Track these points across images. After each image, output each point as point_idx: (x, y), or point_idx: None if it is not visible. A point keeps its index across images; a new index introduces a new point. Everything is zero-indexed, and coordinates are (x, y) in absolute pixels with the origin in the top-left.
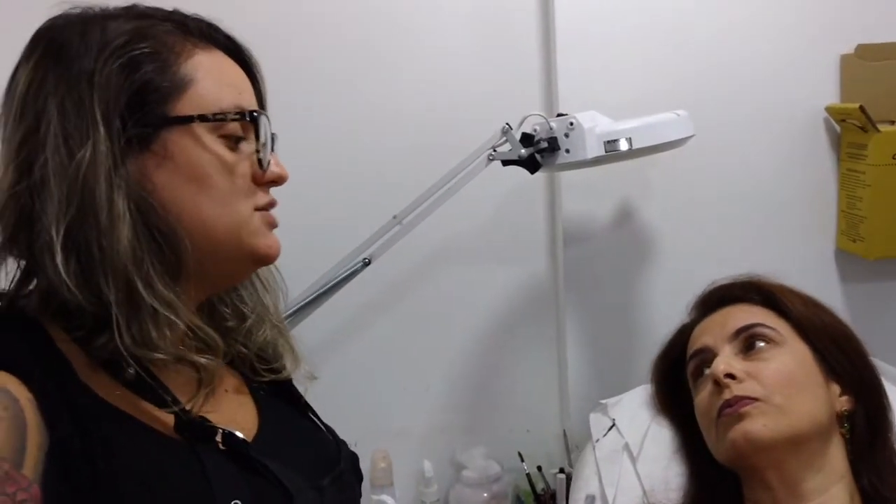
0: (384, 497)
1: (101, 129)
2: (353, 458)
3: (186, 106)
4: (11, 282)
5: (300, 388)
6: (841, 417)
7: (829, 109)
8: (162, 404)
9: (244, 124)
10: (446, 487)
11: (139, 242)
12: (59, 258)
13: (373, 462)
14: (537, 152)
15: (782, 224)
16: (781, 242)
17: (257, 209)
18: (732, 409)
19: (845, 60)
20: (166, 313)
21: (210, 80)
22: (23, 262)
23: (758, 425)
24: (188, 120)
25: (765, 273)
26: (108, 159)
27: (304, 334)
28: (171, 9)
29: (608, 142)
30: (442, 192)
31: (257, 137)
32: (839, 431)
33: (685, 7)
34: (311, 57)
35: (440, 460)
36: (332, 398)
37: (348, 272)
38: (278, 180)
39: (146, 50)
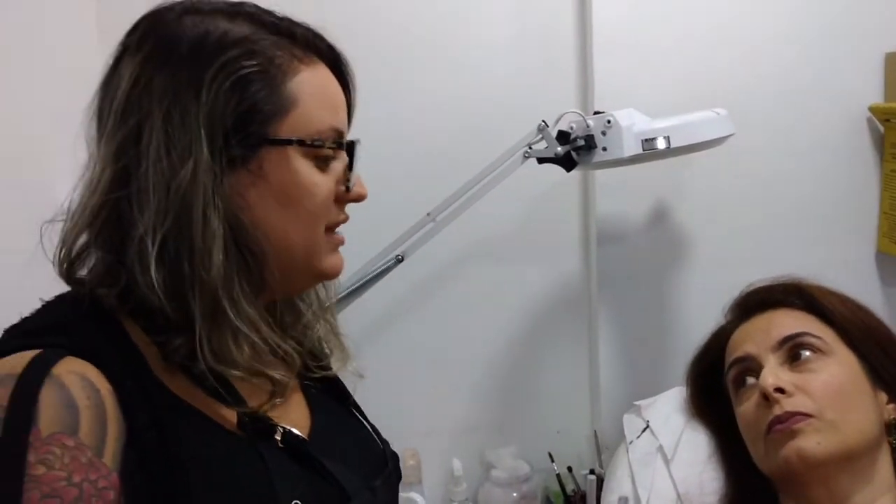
0: (413, 495)
1: (205, 147)
2: (395, 457)
3: (287, 128)
4: (91, 274)
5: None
6: (889, 426)
7: (872, 109)
8: (230, 405)
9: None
10: (475, 486)
11: (229, 262)
12: (152, 269)
13: (402, 460)
14: (574, 150)
15: (822, 226)
16: (820, 244)
17: (330, 228)
18: (784, 426)
19: (890, 59)
20: (249, 332)
21: (312, 103)
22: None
23: (811, 443)
24: (286, 143)
25: (804, 275)
26: (208, 177)
27: None
28: (272, 11)
29: (646, 140)
30: (476, 190)
31: (350, 167)
32: (887, 440)
33: (724, 6)
34: (347, 54)
35: (470, 459)
36: (363, 396)
37: (381, 269)
38: (358, 199)
39: (255, 69)
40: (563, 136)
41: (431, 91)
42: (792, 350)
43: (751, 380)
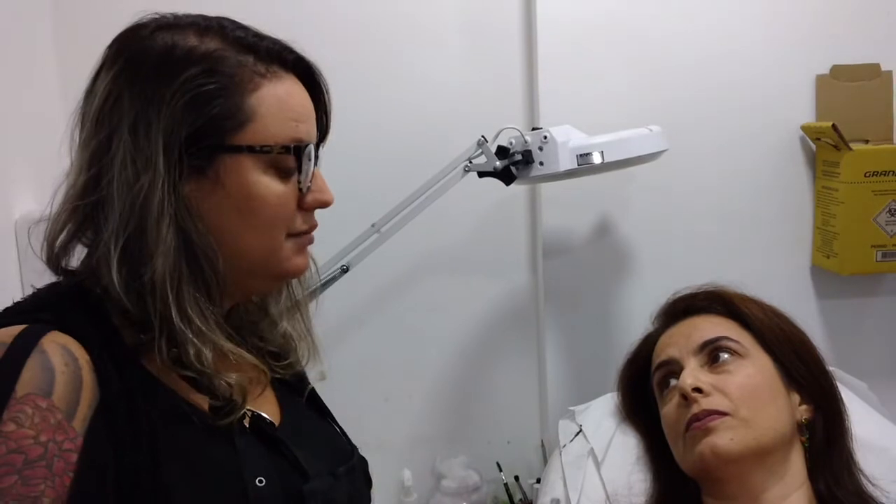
0: None
1: (162, 158)
2: (364, 461)
3: (242, 139)
4: (81, 265)
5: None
6: (801, 426)
7: (804, 128)
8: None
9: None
10: (426, 497)
11: (178, 270)
12: (114, 270)
13: None
14: (512, 164)
15: (759, 240)
16: (758, 258)
17: (293, 234)
18: (701, 424)
19: (821, 81)
20: (196, 340)
21: (270, 116)
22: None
23: (725, 439)
24: (239, 150)
25: (743, 287)
26: (163, 188)
27: None
28: (245, 27)
29: (581, 155)
30: (419, 202)
31: (299, 170)
32: (800, 439)
33: (666, 28)
34: None
35: (420, 469)
36: None
37: (326, 279)
38: (321, 206)
39: (213, 86)
40: (502, 151)
41: (383, 109)
42: (711, 353)
43: (673, 381)
